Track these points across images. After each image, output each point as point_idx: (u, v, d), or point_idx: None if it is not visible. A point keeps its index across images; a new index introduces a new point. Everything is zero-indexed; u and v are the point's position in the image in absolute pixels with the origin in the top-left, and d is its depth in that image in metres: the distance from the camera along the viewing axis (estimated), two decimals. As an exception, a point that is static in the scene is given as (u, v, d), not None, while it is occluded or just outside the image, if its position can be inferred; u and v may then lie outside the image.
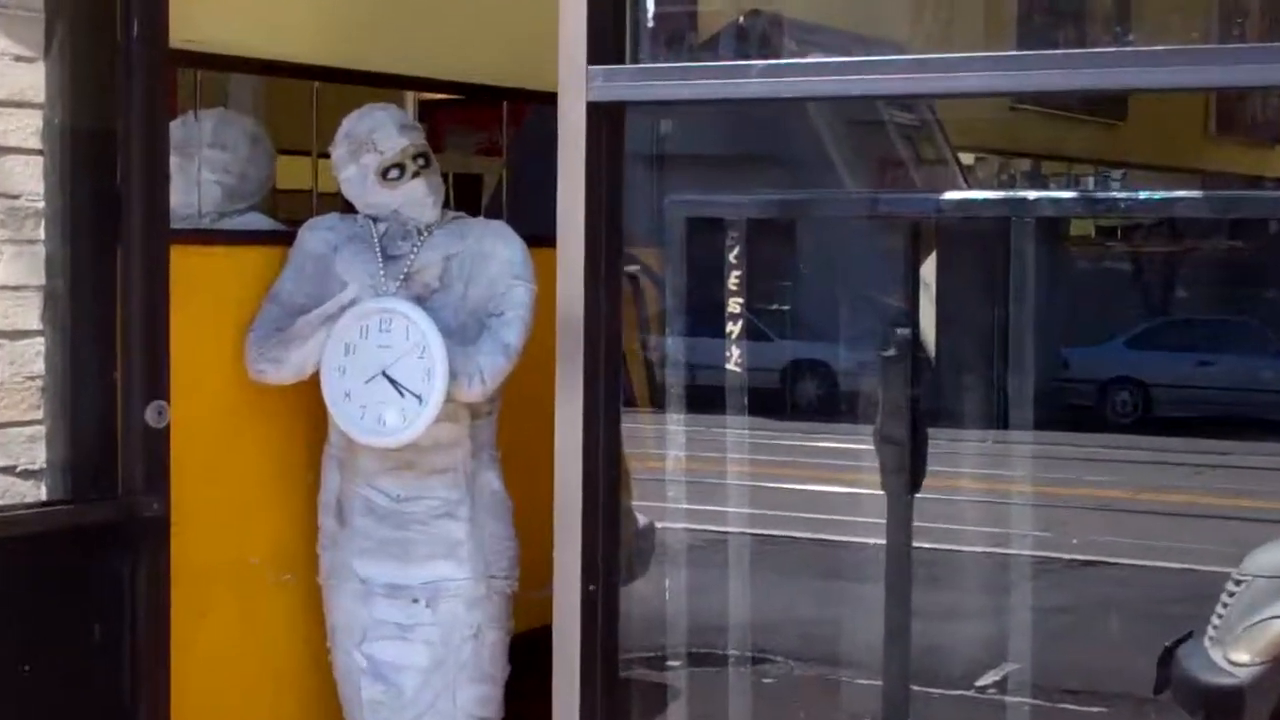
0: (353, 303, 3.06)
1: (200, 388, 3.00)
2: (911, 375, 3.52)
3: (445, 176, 3.32)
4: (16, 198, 2.60)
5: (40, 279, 2.64)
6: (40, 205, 2.63)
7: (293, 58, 3.51)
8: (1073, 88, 2.13)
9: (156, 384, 2.69)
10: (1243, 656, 3.06)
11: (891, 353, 3.52)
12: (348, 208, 3.26)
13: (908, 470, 3.48)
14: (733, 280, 3.96)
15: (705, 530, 4.47)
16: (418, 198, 3.14)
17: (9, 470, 2.61)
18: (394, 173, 3.13)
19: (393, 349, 3.00)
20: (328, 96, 3.52)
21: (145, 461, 2.67)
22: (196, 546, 2.94)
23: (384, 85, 3.68)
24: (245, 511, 3.17)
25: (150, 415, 2.68)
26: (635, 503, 3.82)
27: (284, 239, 3.23)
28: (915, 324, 4.00)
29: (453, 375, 2.97)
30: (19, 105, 2.61)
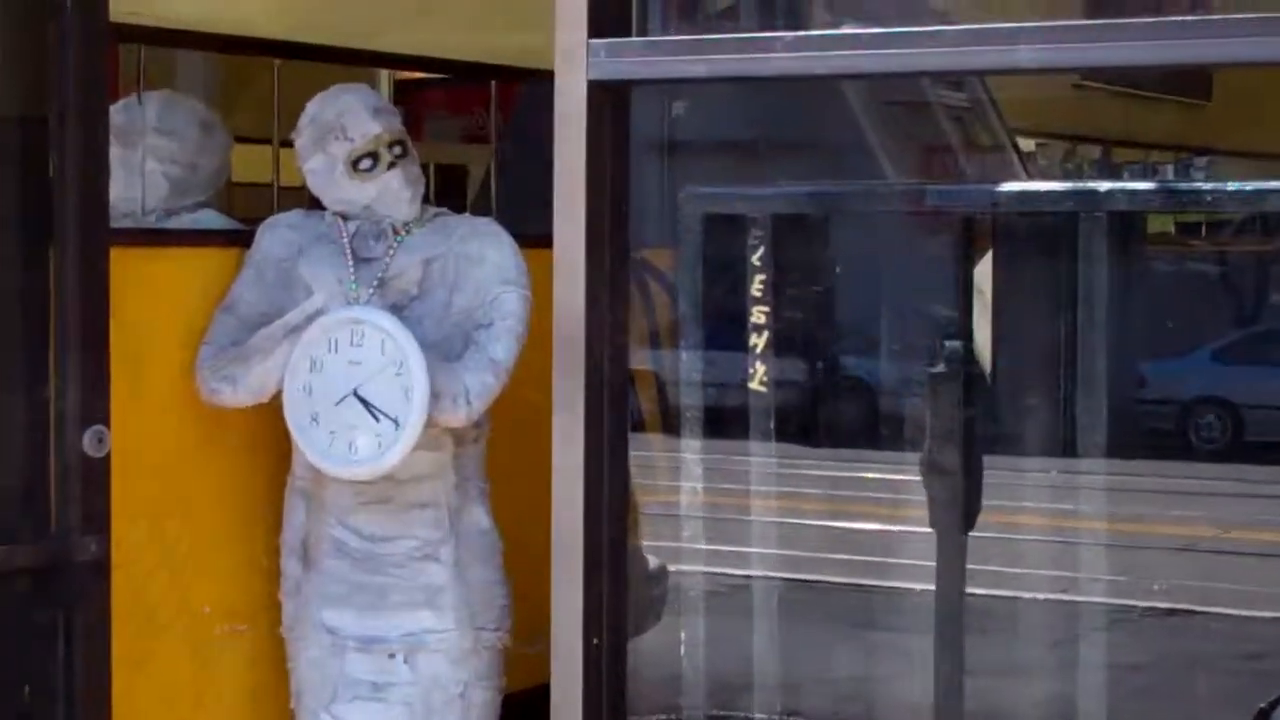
0: (319, 312, 3.07)
1: (145, 411, 3.02)
2: (964, 395, 3.53)
3: (425, 168, 3.34)
4: (-66, 193, 2.62)
5: (-39, 286, 2.65)
6: (-39, 201, 2.65)
7: (251, 31, 3.53)
8: (1149, 63, 2.14)
9: (95, 406, 2.70)
10: (1348, 719, 3.05)
11: (941, 369, 3.53)
12: (314, 204, 3.28)
13: (960, 504, 3.49)
14: (757, 285, 3.98)
15: (726, 574, 4.47)
16: (393, 192, 3.16)
17: (-75, 506, 2.63)
18: (366, 163, 3.14)
19: (365, 366, 3.02)
20: (291, 76, 3.54)
21: (82, 495, 2.69)
22: (140, 593, 2.95)
23: (355, 62, 3.70)
24: (196, 553, 3.18)
25: (88, 442, 2.69)
26: (645, 543, 3.83)
27: (241, 239, 3.24)
28: (968, 335, 4.01)
29: (434, 396, 2.99)
30: (-64, 87, 2.63)
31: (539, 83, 2.53)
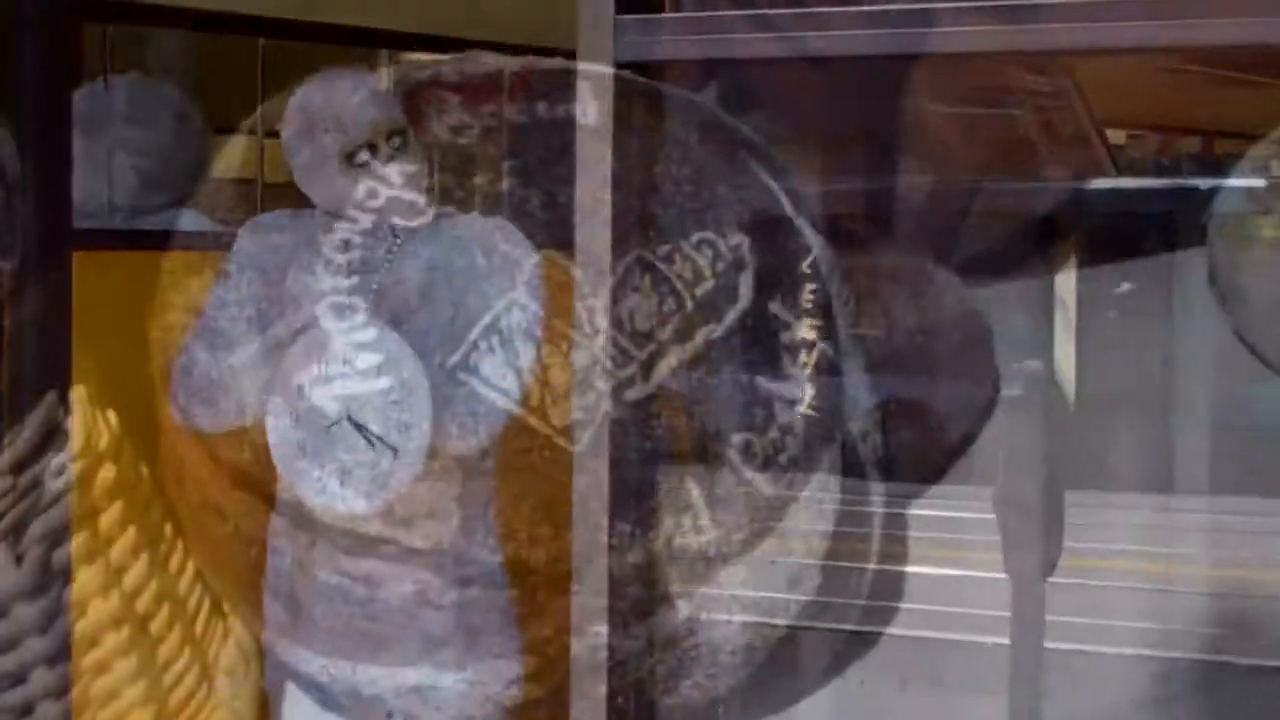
0: (308, 326, 3.09)
1: (112, 436, 3.03)
2: (1044, 421, 3.53)
3: (429, 163, 3.35)
4: (-124, 189, 2.65)
5: (-95, 294, 2.68)
6: (-94, 199, 2.68)
7: (232, 7, 3.56)
8: (1259, 41, 2.14)
9: (55, 431, 2.71)
10: None
11: (1017, 393, 3.54)
12: (302, 202, 3.30)
13: (1039, 547, 3.49)
14: (806, 296, 3.98)
15: (767, 624, 4.46)
16: (392, 189, 3.17)
17: None
18: (361, 156, 3.16)
19: (360, 387, 3.03)
20: (276, 58, 3.57)
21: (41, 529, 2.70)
22: (102, 639, 2.96)
23: (349, 42, 3.72)
24: (167, 596, 3.19)
25: (48, 473, 2.70)
26: (675, 588, 3.83)
27: (220, 242, 3.26)
28: (1049, 354, 4.01)
29: (437, 420, 3.00)
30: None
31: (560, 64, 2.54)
